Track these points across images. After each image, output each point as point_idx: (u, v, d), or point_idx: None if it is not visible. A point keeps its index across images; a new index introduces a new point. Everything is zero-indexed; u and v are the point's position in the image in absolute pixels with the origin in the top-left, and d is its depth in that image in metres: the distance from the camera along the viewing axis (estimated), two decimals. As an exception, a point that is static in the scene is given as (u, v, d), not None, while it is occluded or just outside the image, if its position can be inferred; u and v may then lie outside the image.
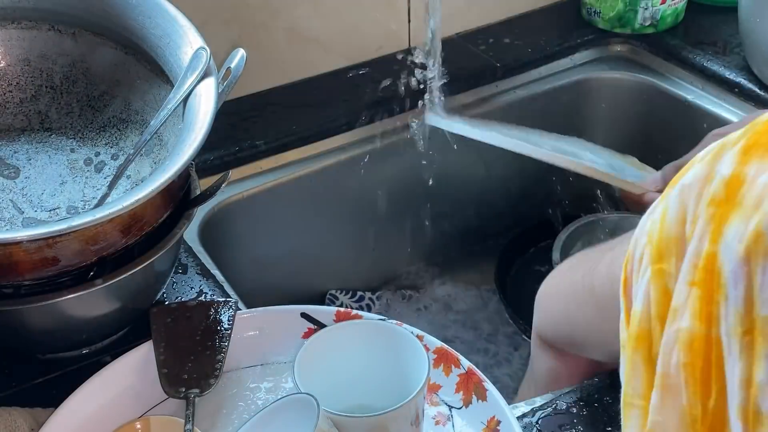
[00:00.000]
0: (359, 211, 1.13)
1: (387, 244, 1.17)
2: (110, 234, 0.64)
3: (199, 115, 0.68)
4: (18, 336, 0.70)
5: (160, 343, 0.70)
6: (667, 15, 1.17)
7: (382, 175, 1.11)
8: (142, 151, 0.74)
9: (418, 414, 0.62)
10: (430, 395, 0.68)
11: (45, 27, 0.78)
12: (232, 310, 0.72)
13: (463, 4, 1.19)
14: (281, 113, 1.07)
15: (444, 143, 1.08)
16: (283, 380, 0.70)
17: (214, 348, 0.69)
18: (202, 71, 0.71)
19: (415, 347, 0.64)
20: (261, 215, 1.04)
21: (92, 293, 0.66)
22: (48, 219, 0.74)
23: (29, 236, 0.60)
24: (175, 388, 0.67)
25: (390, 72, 1.10)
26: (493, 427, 0.64)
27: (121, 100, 0.79)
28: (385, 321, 0.68)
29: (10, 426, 0.65)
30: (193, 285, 0.82)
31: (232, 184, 1.00)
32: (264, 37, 1.07)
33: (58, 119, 0.80)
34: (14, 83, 0.79)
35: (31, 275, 0.64)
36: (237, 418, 0.67)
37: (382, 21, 1.14)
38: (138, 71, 0.78)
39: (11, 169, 0.77)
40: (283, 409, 0.60)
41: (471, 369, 0.67)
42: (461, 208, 1.20)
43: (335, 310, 0.71)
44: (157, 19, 0.75)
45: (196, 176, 0.76)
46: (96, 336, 0.74)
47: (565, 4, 1.25)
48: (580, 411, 0.69)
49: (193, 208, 0.72)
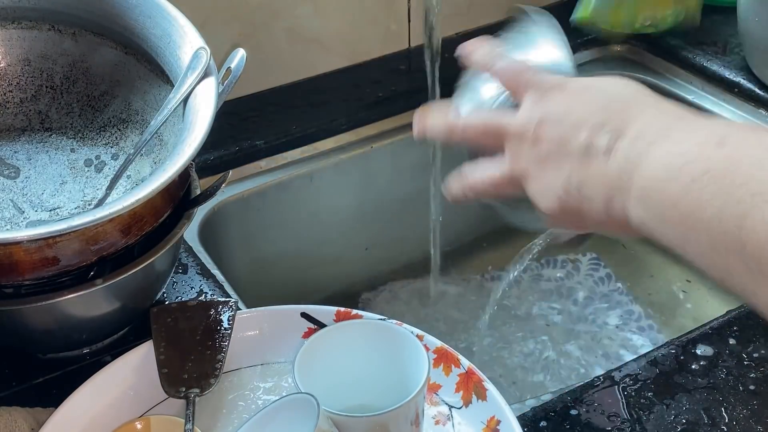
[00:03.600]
0: (359, 211, 1.13)
1: (387, 244, 1.17)
2: (110, 234, 0.64)
3: (199, 115, 0.68)
4: (18, 336, 0.71)
5: (160, 343, 0.70)
6: (668, 15, 1.17)
7: (382, 175, 1.11)
8: (142, 151, 0.74)
9: (418, 414, 0.62)
10: (429, 395, 0.68)
11: (45, 27, 0.78)
12: (232, 310, 0.72)
13: (463, 4, 1.19)
14: (281, 113, 1.07)
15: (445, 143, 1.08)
16: (283, 380, 0.70)
17: (214, 348, 0.69)
18: (202, 71, 0.71)
19: (415, 347, 0.64)
20: (261, 215, 1.04)
21: (92, 293, 0.66)
22: (48, 219, 0.74)
23: (29, 236, 0.60)
24: (175, 387, 0.67)
25: (390, 72, 1.10)
26: (493, 427, 0.64)
27: (121, 100, 0.79)
28: (385, 321, 0.68)
29: (10, 426, 0.65)
30: (193, 285, 0.82)
31: (232, 184, 1.00)
32: (264, 37, 1.07)
33: (58, 119, 0.80)
34: (14, 83, 0.79)
35: (32, 275, 0.64)
36: (237, 418, 0.67)
37: (382, 21, 1.14)
38: (138, 71, 0.78)
39: (11, 169, 0.77)
40: (283, 409, 0.60)
41: (471, 369, 0.67)
42: (463, 207, 1.20)
43: (335, 310, 0.71)
44: (157, 19, 0.75)
45: (196, 176, 0.76)
46: (96, 336, 0.74)
47: (564, 4, 1.25)
48: (580, 411, 0.69)
49: (193, 208, 0.72)
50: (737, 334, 0.75)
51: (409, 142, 1.10)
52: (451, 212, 1.19)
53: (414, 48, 1.16)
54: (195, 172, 0.76)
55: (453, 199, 0.67)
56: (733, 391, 0.70)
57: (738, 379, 0.71)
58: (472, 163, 0.65)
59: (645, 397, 0.70)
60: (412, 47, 1.16)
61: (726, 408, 0.69)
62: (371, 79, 1.12)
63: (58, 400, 0.66)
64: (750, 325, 0.76)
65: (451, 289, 1.21)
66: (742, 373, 0.72)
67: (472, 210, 1.22)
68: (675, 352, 0.74)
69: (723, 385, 0.71)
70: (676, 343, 0.75)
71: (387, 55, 1.15)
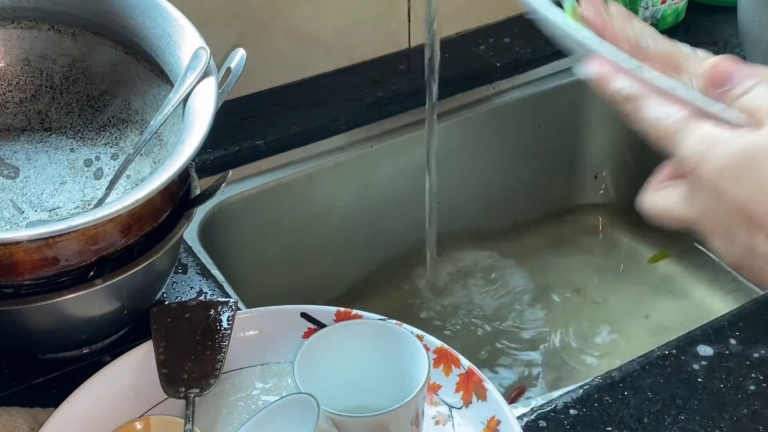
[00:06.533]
0: (359, 211, 1.13)
1: (387, 244, 1.17)
2: (110, 234, 0.64)
3: (199, 115, 0.68)
4: (18, 336, 0.70)
5: (160, 343, 0.70)
6: (668, 15, 1.17)
7: (382, 175, 1.11)
8: (142, 151, 0.74)
9: (418, 414, 0.62)
10: (429, 395, 0.68)
11: (45, 27, 0.78)
12: (232, 310, 0.72)
13: (463, 4, 1.19)
14: (281, 113, 1.07)
15: (445, 143, 1.08)
16: (283, 380, 0.70)
17: (214, 348, 0.69)
18: (202, 71, 0.71)
19: (415, 347, 0.64)
20: (261, 215, 1.04)
21: (92, 293, 0.66)
22: (48, 219, 0.74)
23: (29, 236, 0.60)
24: (175, 388, 0.67)
25: (390, 72, 1.10)
26: (493, 427, 0.64)
27: (121, 100, 0.79)
28: (385, 321, 0.68)
29: (10, 426, 0.65)
30: (193, 285, 0.82)
31: (232, 184, 1.00)
32: (264, 37, 1.07)
33: (57, 119, 0.80)
34: (14, 83, 0.79)
35: (31, 275, 0.64)
36: (237, 418, 0.67)
37: (382, 21, 1.14)
38: (138, 71, 0.78)
39: (11, 169, 0.77)
40: (283, 409, 0.60)
41: (471, 369, 0.67)
42: (463, 207, 1.20)
43: (335, 310, 0.71)
44: (157, 18, 0.75)
45: (196, 176, 0.76)
46: (96, 336, 0.74)
47: (564, 4, 1.25)
48: (580, 411, 0.69)
49: (193, 208, 0.72)
50: (737, 334, 0.75)
51: (409, 142, 1.10)
52: (449, 212, 1.20)
53: (414, 48, 1.16)
54: (195, 172, 0.76)
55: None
56: (733, 392, 0.70)
57: (738, 379, 0.71)
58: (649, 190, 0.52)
59: (645, 397, 0.70)
60: (412, 47, 1.16)
61: (726, 408, 0.69)
62: (371, 79, 1.12)
63: (58, 400, 0.66)
64: (750, 325, 0.76)
65: (450, 289, 1.21)
66: (743, 374, 0.72)
67: (471, 210, 1.22)
68: (675, 352, 0.74)
69: (723, 386, 0.71)
70: (675, 343, 0.75)
71: (387, 55, 1.15)
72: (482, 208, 1.22)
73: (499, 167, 1.19)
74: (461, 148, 1.15)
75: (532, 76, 1.18)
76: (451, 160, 1.12)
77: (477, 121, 1.15)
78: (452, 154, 1.13)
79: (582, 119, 1.22)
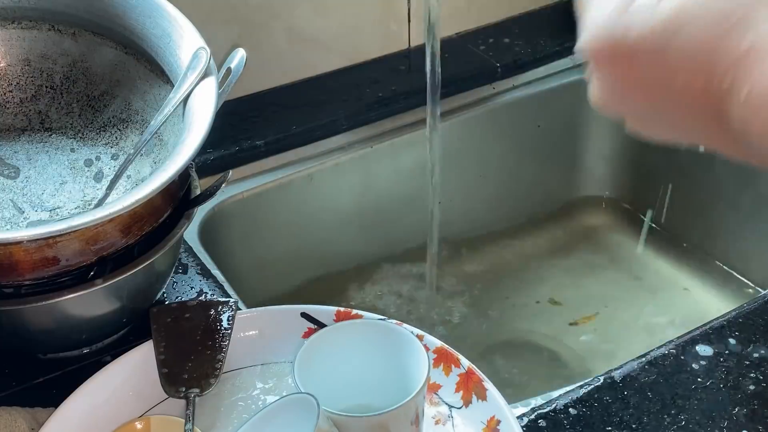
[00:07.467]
0: (359, 211, 1.13)
1: (387, 244, 1.17)
2: (110, 234, 0.65)
3: (199, 115, 0.68)
4: (18, 336, 0.71)
5: (160, 343, 0.70)
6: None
7: (382, 175, 1.11)
8: (142, 151, 0.74)
9: (418, 414, 0.62)
10: (429, 395, 0.68)
11: (45, 27, 0.78)
12: (232, 310, 0.72)
13: (463, 4, 1.19)
14: (281, 113, 1.07)
15: (445, 143, 1.08)
16: (283, 380, 0.70)
17: (214, 348, 0.69)
18: (202, 71, 0.71)
19: (415, 347, 0.64)
20: (261, 215, 1.04)
21: (92, 293, 0.66)
22: (48, 219, 0.74)
23: (29, 236, 0.60)
24: (175, 387, 0.67)
25: (390, 72, 1.10)
26: (493, 427, 0.64)
27: (121, 100, 0.79)
28: (385, 321, 0.68)
29: (10, 426, 0.65)
30: (193, 285, 0.82)
31: (232, 184, 1.00)
32: (264, 37, 1.07)
33: (58, 119, 0.80)
34: (14, 83, 0.79)
35: (32, 275, 0.64)
36: (237, 418, 0.67)
37: (382, 21, 1.14)
38: (138, 71, 0.78)
39: (11, 169, 0.77)
40: (283, 409, 0.60)
41: (471, 369, 0.67)
42: (463, 207, 1.20)
43: (335, 310, 0.71)
44: (157, 18, 0.75)
45: (196, 176, 0.76)
46: (96, 336, 0.74)
47: (564, 3, 1.25)
48: (580, 411, 0.69)
49: (193, 208, 0.72)
50: (737, 334, 0.75)
51: (409, 142, 1.10)
52: (450, 212, 1.20)
53: (414, 48, 1.16)
54: (195, 172, 0.76)
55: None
56: (733, 392, 0.70)
57: (738, 379, 0.71)
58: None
59: (645, 397, 0.70)
60: (412, 47, 1.16)
61: (726, 408, 0.69)
62: (371, 79, 1.12)
63: (58, 400, 0.66)
64: (750, 325, 0.76)
65: (451, 290, 1.21)
66: (742, 374, 0.72)
67: (471, 210, 1.22)
68: (675, 352, 0.74)
69: (723, 386, 0.71)
70: (675, 343, 0.75)
71: (387, 55, 1.15)
72: (482, 208, 1.23)
73: (499, 167, 1.20)
74: (461, 148, 1.15)
75: (532, 76, 1.18)
76: (451, 160, 1.12)
77: (477, 121, 1.15)
78: (452, 154, 1.13)
79: (582, 119, 1.22)
